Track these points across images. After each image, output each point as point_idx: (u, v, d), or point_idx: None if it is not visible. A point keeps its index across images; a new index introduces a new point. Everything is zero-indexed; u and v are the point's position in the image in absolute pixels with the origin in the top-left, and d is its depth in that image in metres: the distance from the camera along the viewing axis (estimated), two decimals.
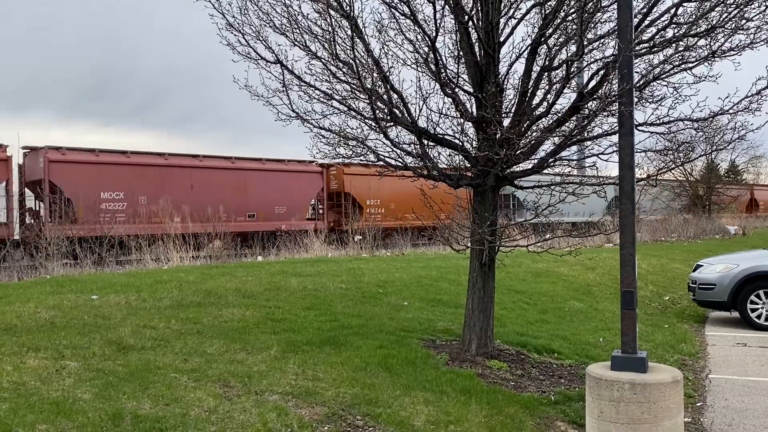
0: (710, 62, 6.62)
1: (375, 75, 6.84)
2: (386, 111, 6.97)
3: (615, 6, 6.24)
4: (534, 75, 6.88)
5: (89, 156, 21.27)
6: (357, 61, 6.61)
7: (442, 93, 6.94)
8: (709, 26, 6.44)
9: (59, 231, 16.33)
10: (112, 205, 21.14)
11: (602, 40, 6.88)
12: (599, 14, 6.75)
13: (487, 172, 7.09)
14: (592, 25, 6.73)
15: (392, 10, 6.79)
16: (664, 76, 6.76)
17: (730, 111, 6.63)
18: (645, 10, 6.64)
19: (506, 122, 6.97)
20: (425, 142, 7.21)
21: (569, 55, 6.50)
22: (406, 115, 7.02)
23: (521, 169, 7.32)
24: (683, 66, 6.67)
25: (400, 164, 7.40)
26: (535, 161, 7.27)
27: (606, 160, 6.97)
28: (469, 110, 7.11)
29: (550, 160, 7.18)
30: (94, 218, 19.95)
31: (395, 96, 7.01)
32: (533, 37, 6.78)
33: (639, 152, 6.83)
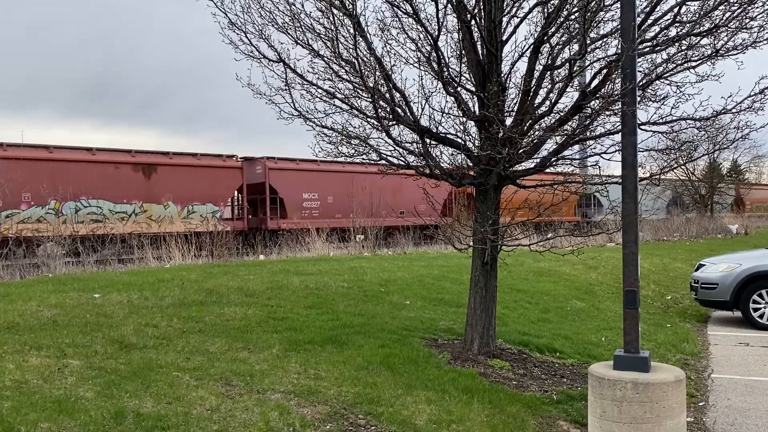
0: (713, 61, 6.61)
1: (377, 74, 6.84)
2: (389, 110, 6.97)
3: (618, 5, 6.23)
4: (537, 74, 6.87)
5: (292, 164, 26.36)
6: (359, 59, 6.61)
7: (444, 92, 6.93)
8: (712, 25, 6.43)
9: (276, 224, 22.57)
10: (310, 203, 26.62)
11: (605, 39, 6.87)
12: (602, 13, 6.73)
13: (489, 171, 7.08)
14: (595, 24, 6.71)
15: (395, 8, 6.78)
16: (666, 75, 6.74)
17: (733, 110, 6.61)
18: (648, 8, 6.62)
19: (509, 121, 6.97)
20: (428, 141, 7.21)
21: (572, 54, 6.49)
22: (409, 114, 7.01)
23: (524, 168, 7.31)
24: (686, 65, 6.65)
25: (402, 163, 7.39)
26: (538, 160, 7.27)
27: (608, 160, 6.96)
28: (472, 109, 7.11)
29: (553, 159, 7.17)
30: (299, 214, 25.62)
31: (398, 95, 7.01)
32: (536, 36, 6.77)
33: (641, 151, 6.81)
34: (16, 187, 19.52)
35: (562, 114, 6.85)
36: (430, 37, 6.63)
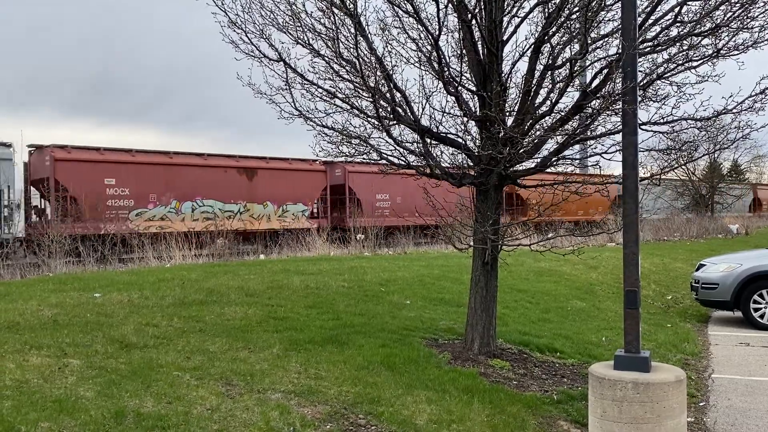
0: (714, 61, 6.61)
1: (378, 73, 6.84)
2: (389, 109, 6.97)
3: (619, 5, 6.23)
4: (537, 74, 6.86)
5: (367, 168, 25.92)
6: (360, 59, 6.60)
7: (445, 91, 6.92)
8: (714, 25, 6.43)
9: (357, 222, 23.38)
10: (382, 203, 28.84)
11: (606, 39, 6.86)
12: (603, 13, 6.73)
13: (490, 170, 7.08)
14: (596, 23, 6.71)
15: (395, 8, 6.78)
16: (667, 75, 6.74)
17: (734, 110, 6.61)
18: (649, 8, 6.62)
19: (509, 121, 6.96)
20: (428, 140, 7.21)
21: (573, 53, 6.49)
22: (409, 113, 7.01)
23: (524, 167, 7.31)
24: (687, 65, 6.65)
25: (402, 163, 7.39)
26: (538, 160, 7.26)
27: (609, 159, 6.96)
28: (472, 109, 7.10)
29: (553, 158, 7.16)
30: (373, 213, 27.29)
31: (398, 94, 7.01)
32: (537, 35, 6.77)
33: (642, 151, 6.80)
34: (144, 189, 22.13)
35: (562, 114, 6.84)
36: (430, 37, 6.63)
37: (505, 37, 6.94)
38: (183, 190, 22.95)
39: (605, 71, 6.62)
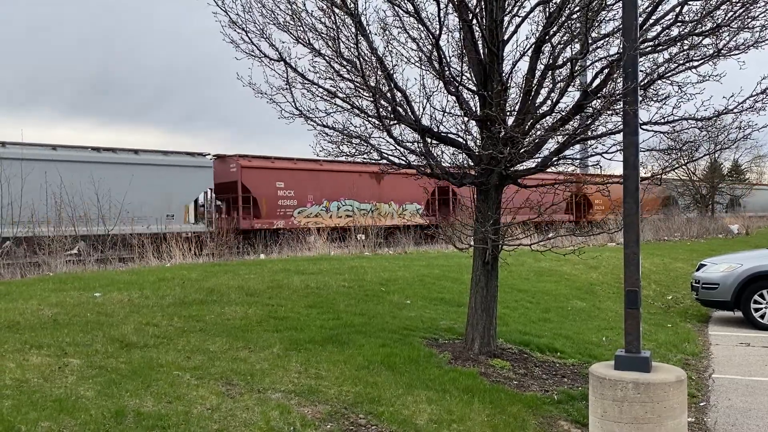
0: (715, 61, 6.60)
1: (379, 73, 6.83)
2: (390, 109, 6.96)
3: (619, 4, 6.22)
4: (538, 73, 6.86)
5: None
6: (361, 58, 6.60)
7: (445, 91, 6.92)
8: (715, 25, 6.42)
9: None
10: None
11: (607, 39, 6.86)
12: (604, 13, 6.73)
13: (490, 170, 7.08)
14: (597, 23, 6.71)
15: (396, 7, 6.77)
16: (668, 74, 6.73)
17: (735, 110, 6.60)
18: (650, 8, 6.61)
19: (510, 121, 6.96)
20: (429, 140, 7.20)
21: (573, 53, 6.48)
22: (410, 113, 7.00)
23: (525, 167, 7.30)
24: (688, 65, 6.64)
25: (403, 162, 7.39)
26: (539, 160, 7.26)
27: (610, 159, 6.95)
28: (473, 108, 7.10)
29: (554, 158, 7.16)
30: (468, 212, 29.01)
31: (399, 94, 7.00)
32: (537, 35, 6.76)
33: (643, 151, 6.80)
34: (303, 191, 26.28)
35: (563, 113, 6.84)
36: (431, 37, 6.62)
37: (505, 37, 6.93)
38: (330, 191, 26.99)
39: (606, 71, 6.62)
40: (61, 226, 15.88)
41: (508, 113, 6.96)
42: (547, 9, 6.58)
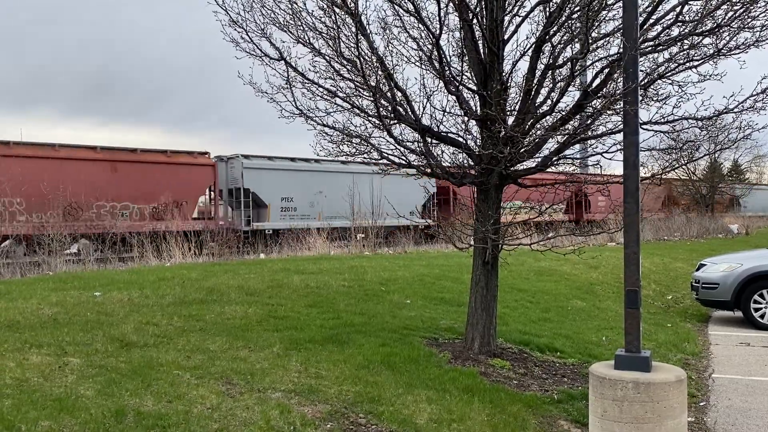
0: (715, 61, 6.60)
1: (379, 72, 6.83)
2: (390, 109, 6.96)
3: (620, 4, 6.22)
4: (538, 73, 6.85)
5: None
6: (361, 58, 6.59)
7: (446, 91, 6.91)
8: (715, 24, 6.41)
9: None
10: None
11: (607, 39, 6.85)
12: (604, 12, 6.72)
13: (490, 170, 7.07)
14: (597, 23, 6.70)
15: (396, 7, 6.77)
16: (668, 74, 6.73)
17: (735, 110, 6.60)
18: (650, 8, 6.61)
19: (510, 120, 6.95)
20: (429, 140, 7.20)
21: (574, 53, 6.48)
22: (410, 112, 7.00)
23: (525, 167, 7.30)
24: (688, 64, 6.64)
25: (403, 162, 7.38)
26: (539, 159, 7.26)
27: (610, 159, 6.95)
28: (473, 108, 7.09)
29: (554, 158, 7.16)
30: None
31: (399, 94, 7.00)
32: (538, 35, 6.76)
33: (643, 151, 6.80)
34: None
35: (563, 113, 6.84)
36: (431, 36, 6.62)
37: (506, 37, 6.93)
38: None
39: (606, 71, 6.62)
40: (355, 219, 21.69)
41: (508, 113, 6.96)
42: (548, 9, 6.58)
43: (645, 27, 6.54)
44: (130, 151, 22.73)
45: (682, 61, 6.63)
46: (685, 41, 6.53)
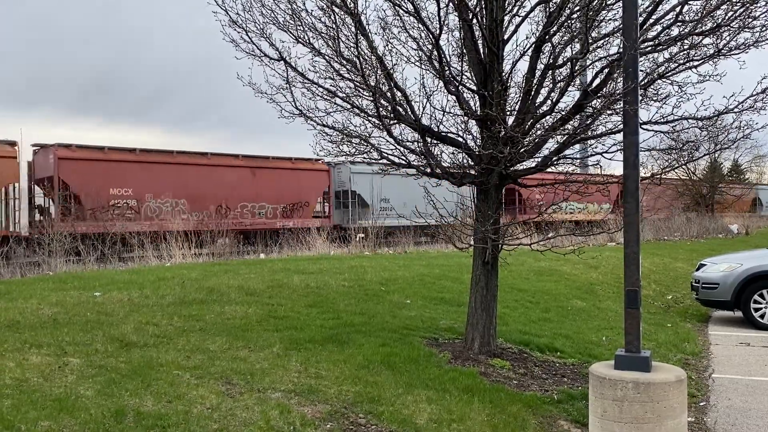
0: (715, 61, 6.59)
1: (379, 72, 6.82)
2: (390, 108, 6.96)
3: (620, 4, 6.22)
4: (538, 73, 6.85)
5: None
6: (361, 58, 6.59)
7: (445, 91, 6.91)
8: (715, 24, 6.41)
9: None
10: None
11: (607, 39, 6.85)
12: (604, 12, 6.72)
13: (490, 170, 7.07)
14: (597, 23, 6.70)
15: (396, 7, 6.77)
16: (668, 74, 6.72)
17: (735, 110, 6.59)
18: (650, 8, 6.61)
19: (510, 120, 6.95)
20: (429, 139, 7.20)
21: (573, 53, 6.48)
22: (410, 112, 7.00)
23: (525, 167, 7.30)
24: (688, 64, 6.63)
25: (403, 162, 7.38)
26: (539, 159, 7.25)
27: (610, 159, 6.95)
28: (473, 108, 7.09)
29: (554, 158, 7.16)
30: None
31: (399, 93, 7.00)
32: (537, 35, 6.76)
33: (643, 151, 6.79)
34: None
35: (563, 113, 6.83)
36: (431, 36, 6.62)
37: (506, 37, 6.93)
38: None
39: (606, 71, 6.62)
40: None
41: (508, 113, 6.96)
42: (547, 8, 6.58)
43: (645, 27, 6.53)
44: (264, 158, 25.84)
45: (682, 61, 6.63)
46: (685, 41, 6.53)
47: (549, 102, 6.80)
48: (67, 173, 21.43)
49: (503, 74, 6.97)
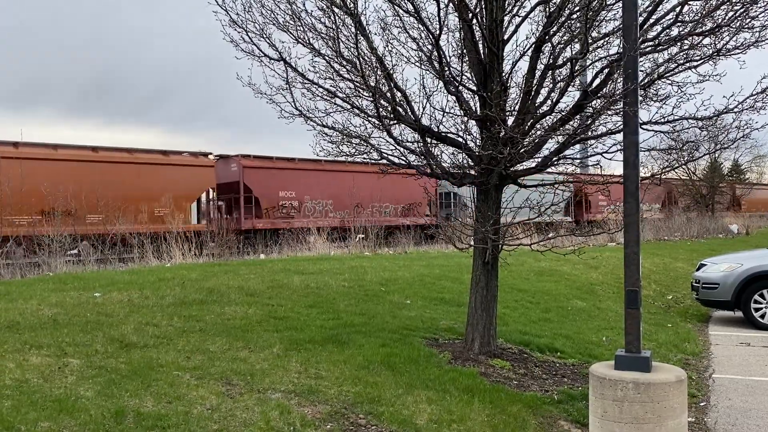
0: (715, 61, 6.60)
1: (379, 73, 6.82)
2: (389, 109, 6.96)
3: (620, 4, 6.22)
4: (538, 73, 6.85)
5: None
6: (360, 58, 6.59)
7: (445, 91, 6.91)
8: (715, 25, 6.41)
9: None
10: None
11: (607, 39, 6.85)
12: (604, 12, 6.72)
13: (490, 170, 7.07)
14: (597, 23, 6.70)
15: (396, 7, 6.77)
16: (668, 74, 6.73)
17: (735, 110, 6.59)
18: (650, 8, 6.61)
19: (510, 120, 6.95)
20: (429, 140, 7.20)
21: (573, 53, 6.48)
22: (410, 113, 7.00)
23: (525, 167, 7.30)
24: (688, 64, 6.64)
25: (403, 162, 7.38)
26: (539, 160, 7.25)
27: (610, 159, 6.95)
28: (473, 108, 7.09)
29: (554, 158, 7.15)
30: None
31: (399, 94, 6.99)
32: (537, 35, 6.76)
33: (643, 151, 6.79)
34: None
35: (563, 113, 6.83)
36: (431, 36, 6.61)
37: (505, 37, 6.93)
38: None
39: (606, 71, 6.61)
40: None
41: (508, 113, 6.96)
42: (547, 9, 6.58)
43: (645, 27, 6.53)
44: (383, 164, 28.82)
45: (681, 62, 6.63)
46: (685, 41, 6.53)
47: (549, 102, 6.80)
48: (250, 179, 25.71)
49: (503, 74, 6.97)
